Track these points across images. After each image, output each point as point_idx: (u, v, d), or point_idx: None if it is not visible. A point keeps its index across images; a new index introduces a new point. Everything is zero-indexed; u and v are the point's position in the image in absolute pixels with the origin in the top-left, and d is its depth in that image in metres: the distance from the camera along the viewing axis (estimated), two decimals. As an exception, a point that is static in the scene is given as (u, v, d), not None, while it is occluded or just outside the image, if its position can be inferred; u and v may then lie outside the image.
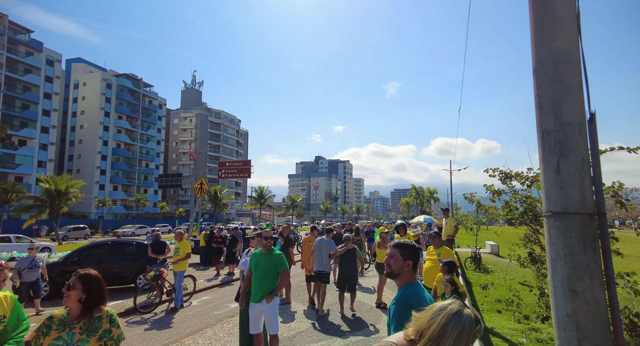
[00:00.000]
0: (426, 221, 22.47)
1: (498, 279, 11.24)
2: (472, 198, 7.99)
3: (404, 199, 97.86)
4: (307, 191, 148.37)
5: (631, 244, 16.70)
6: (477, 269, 13.54)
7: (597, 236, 1.85)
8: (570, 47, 1.85)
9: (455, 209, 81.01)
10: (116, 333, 2.36)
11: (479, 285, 9.94)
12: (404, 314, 2.06)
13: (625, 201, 5.35)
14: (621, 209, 5.50)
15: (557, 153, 1.91)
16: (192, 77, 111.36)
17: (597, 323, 1.80)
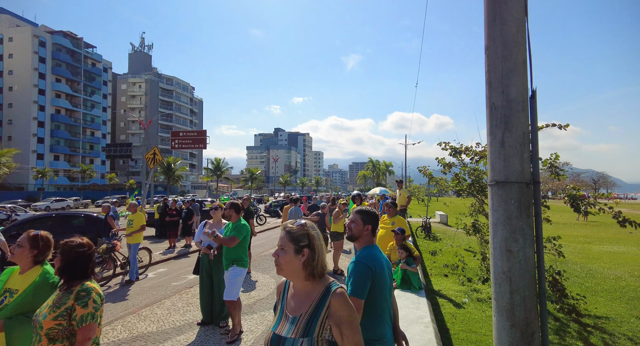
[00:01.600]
0: (381, 193, 23.38)
1: (446, 247, 12.15)
2: (425, 171, 8.41)
3: (361, 172, 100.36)
4: (266, 163, 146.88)
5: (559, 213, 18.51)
6: (427, 237, 14.47)
7: (531, 202, 2.07)
8: (518, 28, 1.97)
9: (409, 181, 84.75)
10: (80, 313, 1.98)
11: (429, 252, 10.69)
12: (360, 271, 2.21)
13: (560, 172, 5.93)
14: (555, 180, 6.11)
15: (502, 127, 2.07)
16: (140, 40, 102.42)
17: (526, 278, 2.05)
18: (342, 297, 1.54)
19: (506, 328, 2.06)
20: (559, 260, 8.23)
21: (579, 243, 14.79)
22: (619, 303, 6.85)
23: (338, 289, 1.57)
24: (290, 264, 1.57)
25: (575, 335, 5.40)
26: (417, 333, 3.27)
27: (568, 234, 17.24)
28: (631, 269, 9.66)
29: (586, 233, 18.53)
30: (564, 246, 13.37)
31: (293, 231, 1.61)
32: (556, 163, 5.82)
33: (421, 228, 15.25)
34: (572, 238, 16.10)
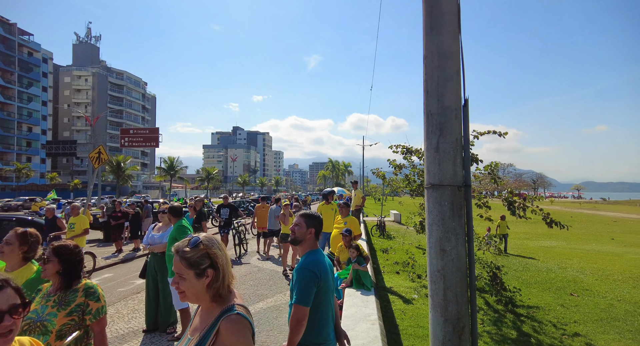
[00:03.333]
0: (339, 193, 23.78)
1: (398, 244, 12.59)
2: (378, 172, 8.67)
3: (321, 172, 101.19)
4: (224, 162, 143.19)
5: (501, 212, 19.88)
6: (381, 235, 14.90)
7: (463, 204, 2.21)
8: (452, 40, 2.09)
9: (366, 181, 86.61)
10: (94, 307, 2.20)
11: (381, 250, 11.02)
12: (305, 279, 2.23)
13: (498, 178, 6.37)
14: (494, 184, 6.56)
15: (437, 133, 2.19)
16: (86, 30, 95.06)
17: (458, 275, 2.18)
18: (234, 324, 1.38)
19: (440, 324, 2.18)
20: (499, 256, 8.86)
21: (518, 239, 15.98)
22: (548, 294, 7.50)
23: (233, 315, 1.40)
24: (194, 289, 1.41)
25: (511, 325, 5.83)
26: (363, 331, 3.37)
27: (509, 231, 18.57)
28: (560, 262, 10.62)
29: (525, 230, 20.06)
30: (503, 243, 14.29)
31: (188, 256, 1.42)
32: (495, 170, 6.25)
33: (376, 226, 15.67)
34: (513, 235, 17.33)
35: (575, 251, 12.99)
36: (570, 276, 8.92)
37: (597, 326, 5.88)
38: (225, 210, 10.43)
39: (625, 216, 31.23)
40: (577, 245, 14.80)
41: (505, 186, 7.47)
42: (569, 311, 6.49)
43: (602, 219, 28.11)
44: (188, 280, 1.41)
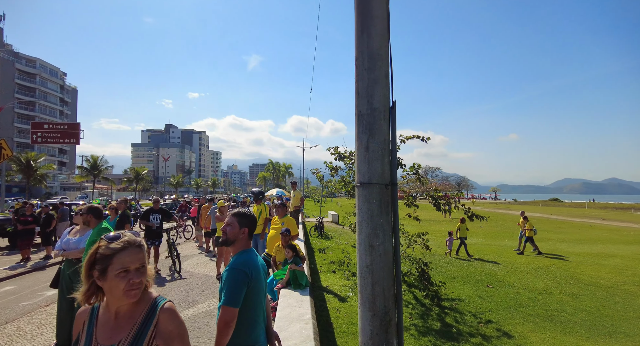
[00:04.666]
0: (278, 194, 23.62)
1: (334, 244, 12.85)
2: (317, 174, 8.77)
3: (261, 173, 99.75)
4: (155, 162, 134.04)
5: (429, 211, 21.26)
6: (320, 236, 15.09)
7: (390, 201, 2.31)
8: (382, 43, 2.18)
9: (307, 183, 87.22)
10: None
11: (318, 250, 11.15)
12: (235, 279, 2.15)
13: (422, 177, 6.81)
14: (420, 183, 6.99)
15: (367, 133, 2.26)
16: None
17: (385, 270, 2.27)
18: (171, 312, 1.44)
19: (368, 318, 2.25)
20: (427, 252, 9.47)
21: (444, 236, 17.22)
22: (469, 286, 8.21)
23: (166, 304, 1.46)
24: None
25: (436, 317, 6.25)
26: (296, 331, 3.36)
27: (436, 230, 19.97)
28: (479, 257, 11.70)
29: (450, 228, 21.70)
30: (432, 240, 15.42)
31: None
32: (420, 170, 6.68)
33: (315, 227, 15.83)
34: (439, 233, 18.67)
35: (491, 247, 14.39)
36: (487, 269, 9.85)
37: (506, 313, 6.56)
38: (155, 216, 8.76)
39: (531, 215, 35.59)
40: (493, 241, 16.42)
41: (431, 186, 8.01)
42: (485, 301, 7.16)
43: (513, 218, 31.65)
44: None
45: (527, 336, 5.54)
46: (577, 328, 5.90)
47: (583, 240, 17.57)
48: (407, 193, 7.97)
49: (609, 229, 23.20)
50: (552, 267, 10.42)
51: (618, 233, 21.27)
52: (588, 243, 16.48)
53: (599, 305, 7.07)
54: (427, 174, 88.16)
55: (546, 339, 5.45)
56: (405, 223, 8.86)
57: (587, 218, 33.12)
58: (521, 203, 75.77)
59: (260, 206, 8.00)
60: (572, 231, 21.59)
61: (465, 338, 5.37)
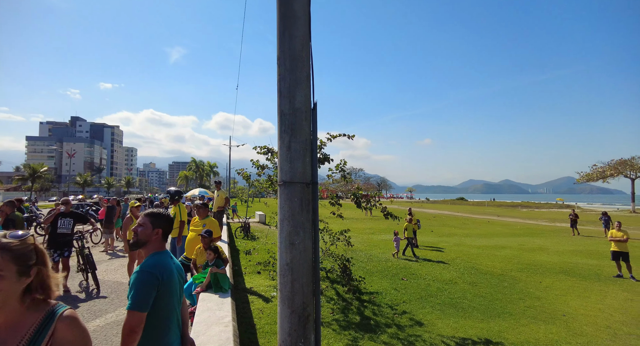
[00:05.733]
0: (200, 194, 22.53)
1: (260, 245, 12.70)
2: (243, 173, 8.57)
3: (182, 172, 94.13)
4: (57, 158, 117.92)
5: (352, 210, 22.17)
6: (245, 237, 14.77)
7: (310, 200, 2.36)
8: (303, 45, 2.23)
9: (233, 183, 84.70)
10: None
11: (244, 251, 10.92)
12: (143, 282, 2.00)
13: (347, 175, 7.10)
14: (345, 181, 7.27)
15: (289, 133, 2.29)
16: None
17: (305, 267, 2.32)
18: (71, 319, 1.31)
19: (287, 315, 2.27)
20: (349, 249, 9.89)
21: (365, 234, 18.19)
22: (386, 280, 8.77)
23: (66, 311, 1.32)
24: (8, 291, 1.19)
25: (356, 311, 6.56)
26: (215, 334, 3.25)
27: (358, 227, 20.98)
28: (425, 257, 12.57)
29: (370, 226, 22.97)
30: (354, 237, 16.02)
31: (15, 248, 1.22)
32: (345, 168, 6.97)
33: (240, 228, 15.45)
34: (361, 230, 19.66)
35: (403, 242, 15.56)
36: (402, 263, 10.63)
37: (418, 303, 7.16)
38: (66, 221, 7.08)
39: (441, 213, 39.40)
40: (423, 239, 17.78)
41: (354, 186, 8.39)
42: (400, 293, 7.72)
43: (426, 215, 34.70)
44: (7, 279, 1.17)
45: (435, 323, 6.12)
46: (475, 312, 6.68)
47: (482, 234, 19.96)
48: (332, 192, 8.25)
49: (502, 224, 26.73)
50: (457, 259, 11.65)
51: (509, 227, 24.62)
52: (486, 237, 18.77)
53: (492, 291, 8.11)
54: (352, 175, 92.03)
55: (450, 324, 6.07)
56: (330, 221, 9.15)
57: (486, 215, 37.71)
58: (433, 201, 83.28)
59: (177, 207, 7.54)
60: (474, 227, 24.39)
61: (382, 329, 5.72)
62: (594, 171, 50.59)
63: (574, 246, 15.44)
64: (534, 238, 18.69)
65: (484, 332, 5.74)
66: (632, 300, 7.64)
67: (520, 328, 5.92)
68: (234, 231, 15.51)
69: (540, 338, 5.52)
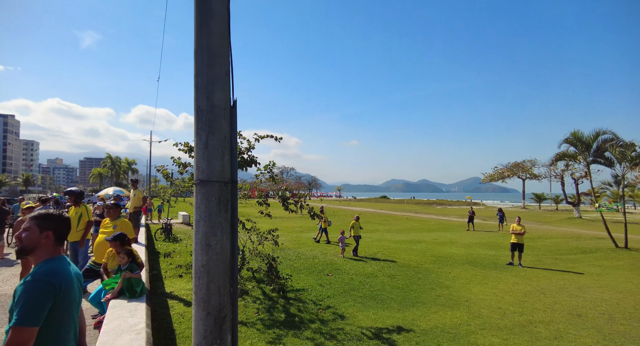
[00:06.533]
0: (115, 193, 20.61)
1: (183, 246, 12.05)
2: (163, 170, 8.05)
3: (96, 169, 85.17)
4: None
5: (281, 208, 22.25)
6: (167, 239, 13.89)
7: (229, 199, 2.33)
8: (222, 41, 2.19)
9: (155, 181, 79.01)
10: None
11: (163, 254, 10.27)
12: (37, 292, 1.79)
13: (276, 177, 7.09)
14: (273, 182, 7.26)
15: (207, 130, 2.22)
16: None
17: (222, 268, 2.28)
18: None
19: (202, 318, 2.21)
20: (276, 248, 9.90)
21: (295, 232, 18.35)
22: (312, 276, 8.96)
23: None
24: None
25: (281, 309, 6.59)
26: (126, 343, 3.01)
27: (288, 226, 21.09)
28: (322, 249, 12.91)
29: (300, 224, 23.22)
30: (283, 236, 16.07)
31: None
32: (275, 170, 6.96)
33: (161, 230, 14.48)
34: (291, 229, 19.78)
35: (333, 239, 16.06)
36: (328, 259, 10.95)
37: (342, 297, 7.46)
38: None
39: (366, 210, 41.48)
40: (335, 234, 18.35)
41: (282, 186, 8.41)
42: (325, 289, 7.95)
43: (352, 212, 36.22)
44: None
45: (356, 315, 6.43)
46: (393, 303, 7.17)
47: (401, 230, 21.46)
48: (262, 191, 8.17)
49: (419, 221, 29.04)
50: (379, 254, 12.37)
51: (424, 223, 26.85)
52: (405, 232, 20.23)
53: (408, 282, 8.79)
54: (283, 174, 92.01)
55: (369, 315, 6.43)
56: (258, 220, 9.04)
57: (405, 212, 40.59)
58: (359, 199, 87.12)
59: (80, 208, 6.84)
60: (395, 223, 26.10)
61: (306, 325, 5.84)
62: (495, 172, 57.67)
63: (478, 239, 17.42)
64: (446, 232, 20.66)
65: (399, 321, 6.19)
66: (519, 283, 8.89)
67: (430, 315, 6.51)
68: (154, 233, 14.48)
69: (447, 323, 6.13)
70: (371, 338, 5.41)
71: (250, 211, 13.43)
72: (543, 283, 8.92)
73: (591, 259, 12.45)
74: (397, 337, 5.50)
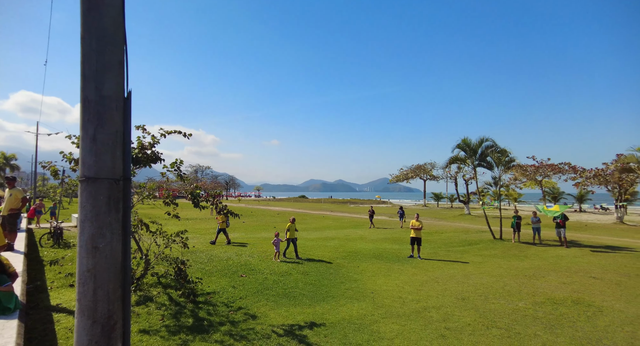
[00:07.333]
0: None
1: (74, 253, 10.66)
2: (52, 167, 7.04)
3: (-44, 164, 69.80)
4: None
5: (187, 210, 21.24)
6: (56, 244, 12.14)
7: (121, 197, 2.17)
8: (116, 27, 2.03)
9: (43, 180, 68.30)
10: None
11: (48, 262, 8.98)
12: None
13: (184, 175, 6.74)
14: (181, 181, 6.88)
15: (95, 122, 2.04)
16: None
17: (111, 272, 2.11)
18: None
19: (87, 327, 2.03)
20: (185, 251, 9.39)
21: (208, 234, 17.55)
22: (225, 278, 8.72)
23: None
24: None
25: (189, 314, 6.29)
26: (-11, 369, 2.58)
27: (201, 228, 20.11)
28: (237, 250, 12.62)
29: (214, 225, 22.30)
30: (195, 238, 15.31)
31: None
32: (189, 168, 6.60)
33: (49, 234, 12.59)
34: (204, 230, 18.90)
35: (249, 239, 15.83)
36: (243, 260, 10.76)
37: (255, 297, 7.41)
38: None
39: (285, 210, 41.74)
40: (251, 234, 18.11)
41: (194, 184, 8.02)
42: (237, 290, 7.81)
43: (271, 212, 36.13)
44: None
45: (268, 314, 6.45)
46: (305, 299, 7.37)
47: (317, 228, 22.11)
48: (172, 191, 7.64)
49: (334, 219, 30.25)
50: (283, 250, 12.56)
51: (339, 221, 28.06)
52: (320, 230, 20.88)
53: (320, 278, 9.11)
54: (198, 173, 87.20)
55: (281, 313, 6.52)
56: (166, 222, 8.45)
57: (322, 211, 41.88)
58: (279, 199, 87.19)
59: None
60: (312, 221, 26.76)
61: (215, 328, 5.68)
62: (401, 173, 63.13)
63: (384, 235, 18.84)
64: (357, 229, 21.89)
65: (310, 316, 6.39)
66: (417, 274, 9.88)
67: (339, 308, 6.86)
68: (39, 239, 12.53)
69: (354, 314, 6.53)
70: (281, 335, 5.50)
71: (158, 212, 12.48)
72: (437, 273, 10.05)
73: (475, 250, 14.42)
74: (307, 332, 5.68)
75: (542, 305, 7.20)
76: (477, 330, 5.87)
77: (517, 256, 13.02)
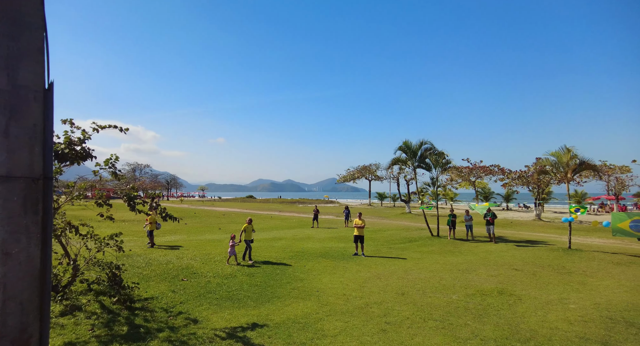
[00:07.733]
0: None
1: None
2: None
3: None
4: None
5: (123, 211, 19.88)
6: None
7: (40, 198, 1.97)
8: (34, 11, 1.84)
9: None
10: None
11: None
12: None
13: (119, 173, 6.29)
14: (117, 179, 6.41)
15: (8, 115, 1.84)
16: None
17: (27, 280, 1.91)
18: None
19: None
20: (120, 254, 8.76)
21: (146, 237, 16.52)
22: (164, 283, 8.28)
23: None
24: None
25: (124, 321, 5.88)
26: None
27: (140, 230, 18.87)
28: (178, 253, 12.05)
29: (155, 227, 21.06)
30: (133, 241, 14.35)
31: None
32: (116, 164, 6.15)
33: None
34: (141, 233, 17.75)
35: (192, 242, 15.19)
36: (184, 264, 10.29)
37: (196, 301, 7.12)
38: None
39: (231, 210, 40.62)
40: (194, 237, 17.39)
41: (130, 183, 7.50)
42: (178, 295, 7.45)
43: (216, 213, 34.96)
44: None
45: (210, 318, 6.25)
46: (249, 301, 7.25)
47: (265, 228, 21.85)
48: (106, 191, 7.07)
49: (282, 219, 30.13)
50: (240, 253, 12.28)
51: (287, 221, 28.00)
52: (268, 230, 20.67)
53: (266, 279, 9.02)
54: (136, 171, 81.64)
55: (224, 316, 6.35)
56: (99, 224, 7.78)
57: (270, 211, 41.47)
58: (225, 199, 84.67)
59: None
60: (259, 222, 26.38)
61: (153, 335, 5.38)
62: (348, 173, 64.67)
63: (331, 234, 19.17)
64: (305, 229, 22.02)
65: (254, 318, 6.31)
66: (361, 271, 10.20)
67: (284, 308, 6.85)
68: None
69: (299, 314, 6.56)
70: (224, 339, 5.36)
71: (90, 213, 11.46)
72: (380, 269, 10.46)
73: (415, 247, 15.24)
74: (251, 334, 5.60)
75: (473, 296, 7.82)
76: (415, 322, 6.22)
77: (452, 252, 13.99)
